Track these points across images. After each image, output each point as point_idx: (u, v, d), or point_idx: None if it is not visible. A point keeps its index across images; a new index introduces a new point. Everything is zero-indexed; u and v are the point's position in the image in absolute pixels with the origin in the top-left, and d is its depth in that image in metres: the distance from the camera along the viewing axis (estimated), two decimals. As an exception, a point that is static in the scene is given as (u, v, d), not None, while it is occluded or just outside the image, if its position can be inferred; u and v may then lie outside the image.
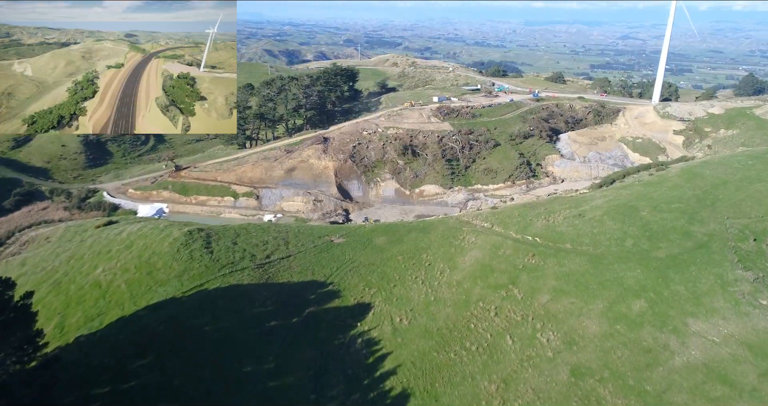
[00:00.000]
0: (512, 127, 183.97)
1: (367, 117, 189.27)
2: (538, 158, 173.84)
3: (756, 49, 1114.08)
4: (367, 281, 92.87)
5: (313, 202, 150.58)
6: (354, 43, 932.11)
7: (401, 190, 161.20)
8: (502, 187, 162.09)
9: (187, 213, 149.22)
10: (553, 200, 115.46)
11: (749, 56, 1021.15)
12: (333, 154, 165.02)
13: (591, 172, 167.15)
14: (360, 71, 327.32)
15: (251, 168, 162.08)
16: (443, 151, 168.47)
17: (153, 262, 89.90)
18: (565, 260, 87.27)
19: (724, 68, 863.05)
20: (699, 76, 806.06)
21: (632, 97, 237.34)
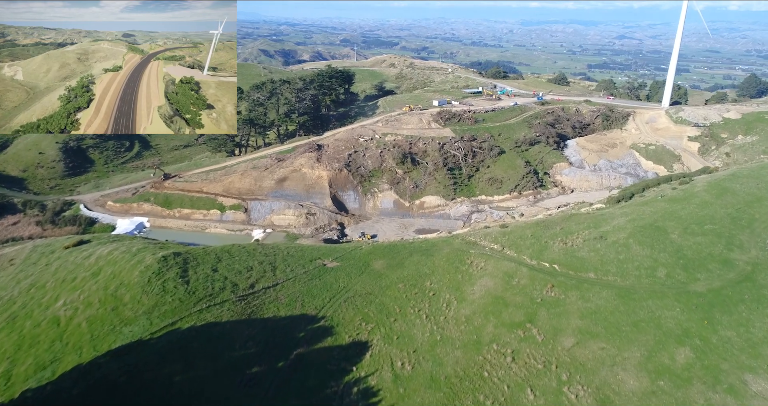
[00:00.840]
0: (517, 133, 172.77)
1: (363, 122, 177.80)
2: (545, 166, 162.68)
3: (752, 49, 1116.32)
4: (363, 313, 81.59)
5: (306, 215, 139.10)
6: (351, 43, 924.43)
7: (400, 201, 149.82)
8: (508, 198, 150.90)
9: (170, 228, 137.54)
10: (568, 218, 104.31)
11: (746, 56, 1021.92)
12: (327, 163, 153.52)
13: (602, 182, 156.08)
14: (356, 73, 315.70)
15: (239, 178, 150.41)
16: (445, 159, 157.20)
17: (120, 295, 78.45)
18: (589, 293, 76.07)
19: (721, 68, 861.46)
20: (696, 76, 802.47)
21: (640, 100, 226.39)
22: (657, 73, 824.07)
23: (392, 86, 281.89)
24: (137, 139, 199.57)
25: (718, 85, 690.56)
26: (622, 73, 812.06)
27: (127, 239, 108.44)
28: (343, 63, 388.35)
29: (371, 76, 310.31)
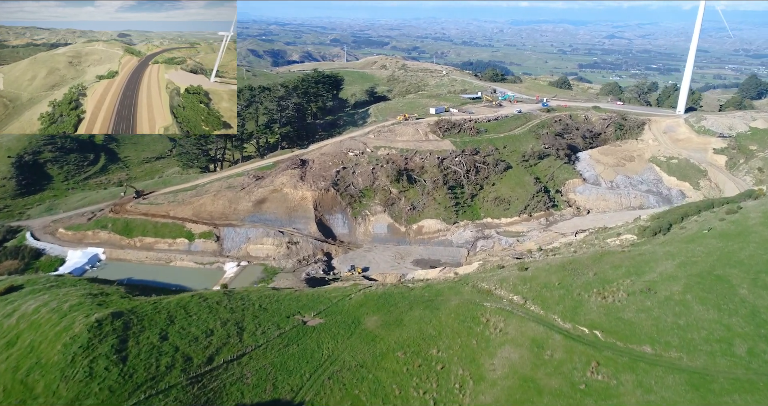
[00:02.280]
0: (524, 144, 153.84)
1: (353, 133, 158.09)
2: (556, 183, 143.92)
3: (740, 48, 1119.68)
4: (353, 396, 62.33)
5: (287, 244, 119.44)
6: (341, 43, 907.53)
7: (395, 226, 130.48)
8: (517, 221, 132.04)
9: (129, 260, 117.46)
10: (600, 258, 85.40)
11: (734, 56, 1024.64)
12: (312, 182, 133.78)
13: (621, 201, 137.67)
14: (346, 75, 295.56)
15: (212, 200, 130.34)
16: (445, 176, 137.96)
17: (32, 382, 58.73)
18: (649, 378, 57.12)
19: (711, 68, 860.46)
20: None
21: (650, 106, 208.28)
22: (648, 73, 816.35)
23: (384, 90, 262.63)
24: (103, 151, 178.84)
25: (709, 84, 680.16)
26: (613, 73, 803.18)
27: (66, 285, 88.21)
28: (332, 65, 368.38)
29: (361, 79, 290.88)
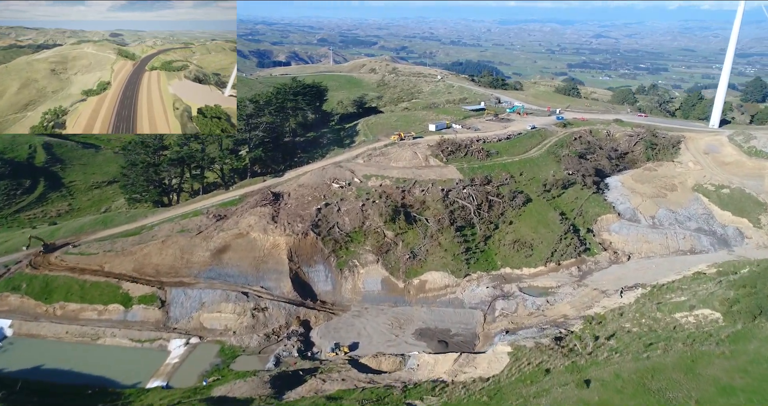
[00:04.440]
0: (543, 170, 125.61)
1: (338, 157, 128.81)
2: (587, 220, 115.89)
3: (725, 48, 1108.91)
4: None
5: (252, 312, 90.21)
6: (328, 43, 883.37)
7: (391, 280, 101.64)
8: (543, 271, 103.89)
9: (44, 337, 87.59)
10: (691, 366, 57.06)
11: (720, 55, 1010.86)
12: (287, 223, 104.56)
13: (667, 243, 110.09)
14: (332, 80, 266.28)
15: (159, 249, 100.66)
16: (451, 213, 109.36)
17: None
18: None
19: (698, 67, 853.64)
20: (676, 75, 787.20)
21: (675, 117, 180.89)
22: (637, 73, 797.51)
23: (373, 96, 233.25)
24: (44, 176, 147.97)
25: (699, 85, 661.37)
26: (602, 73, 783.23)
27: None
28: (317, 68, 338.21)
29: (349, 84, 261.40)
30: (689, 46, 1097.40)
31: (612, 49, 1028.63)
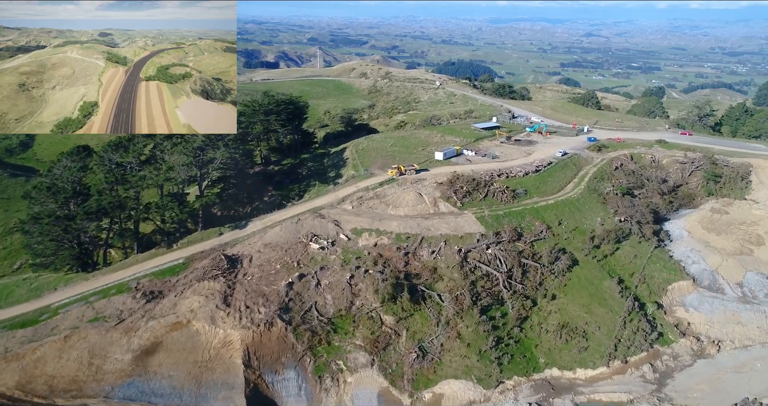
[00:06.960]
0: (586, 215, 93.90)
1: (319, 199, 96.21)
2: (652, 290, 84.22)
3: (716, 47, 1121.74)
4: None
5: (184, 465, 58.37)
6: (318, 42, 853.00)
7: (392, 394, 69.44)
8: (605, 374, 72.26)
9: None
10: None
11: (711, 53, 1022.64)
12: (244, 306, 72.20)
13: (766, 325, 78.84)
14: (319, 85, 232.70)
15: (58, 350, 67.95)
16: (472, 284, 77.43)
17: None
18: None
19: (690, 66, 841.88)
20: (669, 74, 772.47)
21: (721, 135, 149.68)
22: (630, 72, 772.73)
23: (364, 104, 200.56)
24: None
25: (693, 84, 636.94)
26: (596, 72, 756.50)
27: None
28: (303, 72, 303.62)
29: (337, 90, 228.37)
30: (680, 45, 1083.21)
31: (603, 47, 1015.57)
